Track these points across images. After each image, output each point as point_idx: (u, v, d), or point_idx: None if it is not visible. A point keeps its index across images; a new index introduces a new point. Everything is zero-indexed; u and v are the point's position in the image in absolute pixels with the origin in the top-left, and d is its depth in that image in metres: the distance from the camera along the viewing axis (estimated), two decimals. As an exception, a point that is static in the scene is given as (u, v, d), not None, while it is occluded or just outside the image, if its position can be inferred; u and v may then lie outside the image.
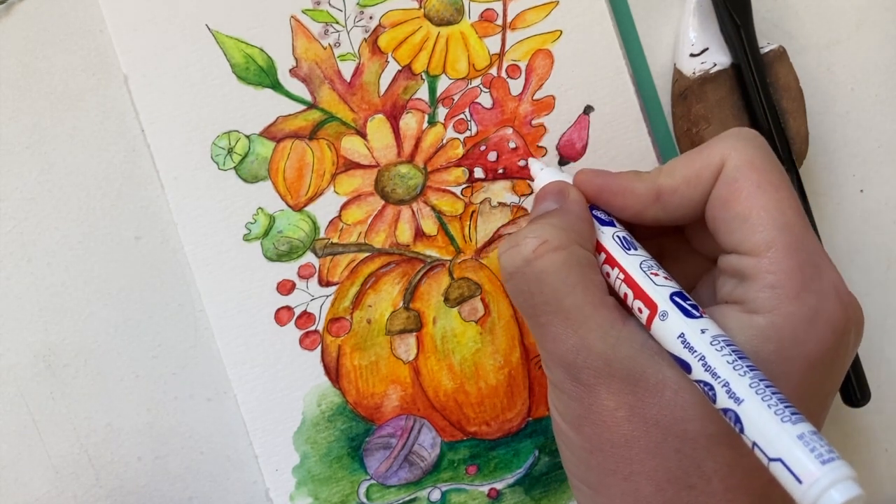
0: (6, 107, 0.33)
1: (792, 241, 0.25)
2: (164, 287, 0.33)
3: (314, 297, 0.33)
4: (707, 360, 0.24)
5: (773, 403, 0.22)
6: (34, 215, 0.33)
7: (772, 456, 0.22)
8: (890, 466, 0.37)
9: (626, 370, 0.26)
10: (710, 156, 0.27)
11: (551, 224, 0.27)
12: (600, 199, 0.29)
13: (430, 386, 0.33)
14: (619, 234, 0.28)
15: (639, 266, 0.27)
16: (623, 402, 0.26)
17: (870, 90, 0.37)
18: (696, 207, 0.27)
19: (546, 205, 0.29)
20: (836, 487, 0.20)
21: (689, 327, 0.25)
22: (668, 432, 0.25)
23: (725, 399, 0.23)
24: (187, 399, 0.34)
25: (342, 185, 0.33)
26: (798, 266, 0.25)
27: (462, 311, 0.34)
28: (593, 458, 0.27)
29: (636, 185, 0.28)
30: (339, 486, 0.33)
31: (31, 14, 0.33)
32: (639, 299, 0.26)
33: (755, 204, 0.26)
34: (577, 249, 0.27)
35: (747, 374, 0.23)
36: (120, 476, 0.33)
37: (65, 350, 0.33)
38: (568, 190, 0.29)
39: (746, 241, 0.26)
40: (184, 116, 0.33)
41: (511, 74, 0.34)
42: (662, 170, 0.28)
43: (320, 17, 0.33)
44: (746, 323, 0.25)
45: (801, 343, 0.25)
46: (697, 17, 0.35)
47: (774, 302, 0.25)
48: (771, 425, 0.22)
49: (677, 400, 0.25)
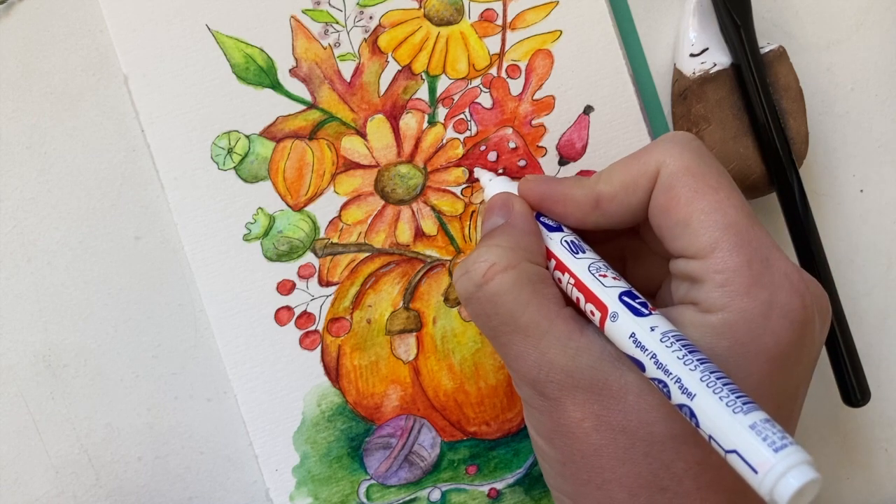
0: (6, 107, 0.33)
1: (737, 238, 0.25)
2: (164, 287, 0.33)
3: (314, 297, 0.33)
4: (658, 358, 0.24)
5: (725, 395, 0.22)
6: (34, 215, 0.33)
7: (727, 448, 0.22)
8: (890, 466, 0.37)
9: (588, 380, 0.26)
10: (647, 162, 0.27)
11: (497, 245, 0.27)
12: (543, 206, 0.29)
13: (430, 386, 0.33)
14: (567, 239, 0.28)
15: (587, 269, 0.27)
16: (589, 413, 0.26)
17: (870, 90, 0.37)
18: (636, 213, 0.28)
19: (493, 220, 0.29)
20: (792, 473, 0.20)
21: (639, 326, 0.25)
22: (635, 437, 0.25)
23: (679, 395, 0.23)
24: (187, 399, 0.34)
25: (342, 185, 0.33)
26: (745, 262, 0.25)
27: (462, 311, 0.34)
28: (567, 470, 0.27)
29: (575, 192, 0.28)
30: (339, 486, 0.33)
31: (31, 14, 0.33)
32: (590, 302, 0.26)
33: (694, 208, 0.26)
34: (526, 266, 0.27)
35: (698, 367, 0.23)
36: (120, 476, 0.33)
37: (65, 350, 0.33)
38: (512, 202, 0.29)
39: (691, 245, 0.26)
40: (184, 116, 0.33)
41: (511, 74, 0.34)
42: (601, 176, 0.28)
43: (320, 17, 0.33)
44: (702, 322, 0.25)
45: (757, 337, 0.25)
46: (697, 17, 0.35)
47: (726, 300, 0.25)
48: (723, 416, 0.22)
49: (640, 403, 0.25)
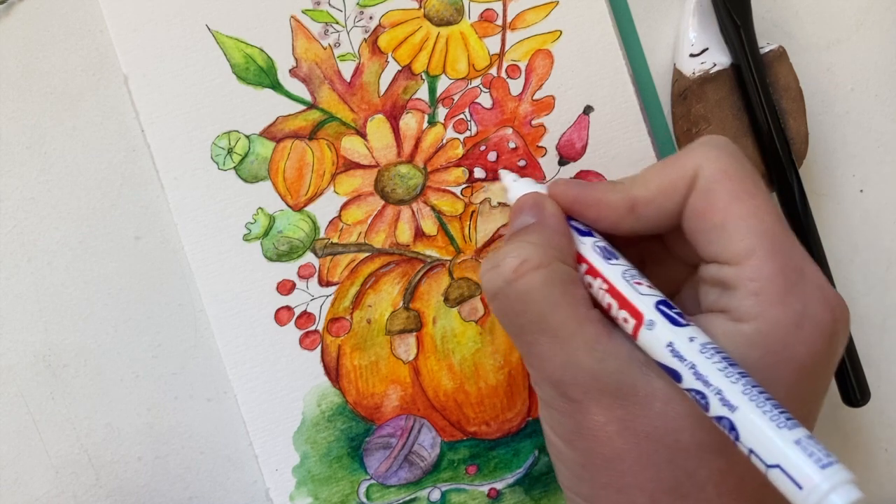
0: (6, 107, 0.33)
1: (772, 246, 0.25)
2: (164, 287, 0.33)
3: (314, 297, 0.33)
4: (698, 369, 0.23)
5: (768, 409, 0.22)
6: (34, 215, 0.33)
7: (770, 462, 0.22)
8: (890, 466, 0.37)
9: (614, 384, 0.25)
10: (684, 166, 0.27)
11: (530, 241, 0.27)
12: (574, 210, 0.29)
13: (429, 386, 0.33)
14: (599, 244, 0.28)
15: (622, 276, 0.26)
16: (613, 417, 0.25)
17: (870, 90, 0.37)
18: (672, 218, 0.27)
19: (523, 219, 0.29)
20: (837, 491, 0.20)
21: (677, 336, 0.24)
22: (660, 444, 0.25)
23: (719, 407, 0.23)
24: (187, 399, 0.34)
25: (342, 185, 0.33)
26: (780, 271, 0.25)
27: (462, 310, 0.34)
28: (586, 472, 0.27)
29: (610, 197, 0.28)
30: (339, 486, 0.33)
31: (31, 14, 0.33)
32: (624, 309, 0.26)
33: (732, 213, 0.26)
34: (558, 266, 0.27)
35: (739, 380, 0.23)
36: (120, 476, 0.33)
37: (65, 350, 0.33)
38: (544, 203, 0.29)
39: (726, 250, 0.26)
40: (184, 116, 0.33)
41: (511, 74, 0.34)
42: (636, 180, 0.28)
43: (320, 17, 0.33)
44: (733, 330, 0.25)
45: (789, 348, 0.25)
46: (697, 17, 0.35)
47: (759, 308, 0.25)
48: (767, 432, 0.22)
49: (667, 411, 0.25)
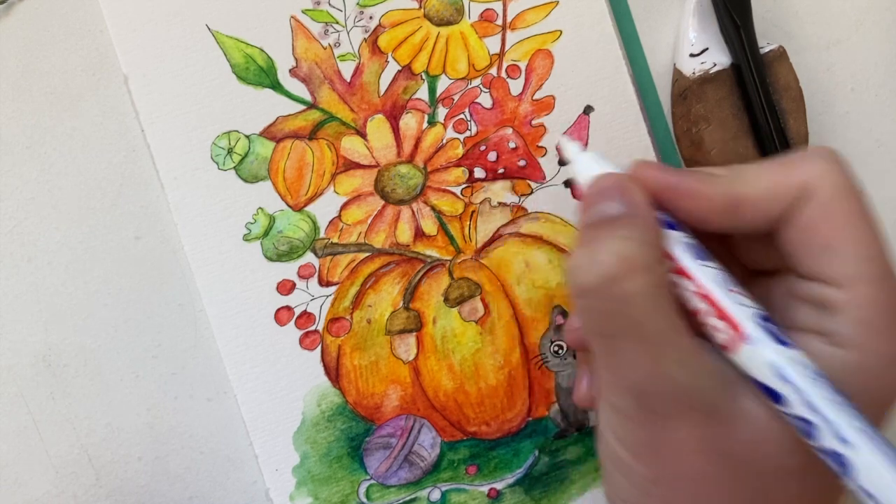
0: (6, 107, 0.33)
1: (880, 272, 0.24)
2: (164, 287, 0.33)
3: (314, 297, 0.33)
4: (808, 396, 0.22)
5: (888, 451, 0.21)
6: (34, 215, 0.33)
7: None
8: (890, 466, 0.37)
9: (702, 400, 0.24)
10: (792, 174, 0.25)
11: (630, 238, 0.24)
12: (664, 199, 0.26)
13: (430, 386, 0.33)
14: (690, 242, 0.25)
15: (718, 281, 0.24)
16: (695, 434, 0.24)
17: (870, 90, 0.37)
18: (769, 223, 0.25)
19: (608, 205, 0.25)
20: None
21: (783, 357, 0.23)
22: (742, 465, 0.24)
23: (830, 439, 0.22)
24: (187, 399, 0.34)
25: (342, 185, 0.33)
26: (887, 300, 0.23)
27: (462, 311, 0.34)
28: (656, 489, 0.25)
29: (708, 190, 0.25)
30: (339, 486, 0.33)
31: (31, 14, 0.33)
32: (720, 319, 0.24)
33: (847, 234, 0.24)
34: (661, 269, 0.24)
35: (854, 417, 0.22)
36: (120, 476, 0.33)
37: (65, 350, 0.33)
38: (632, 189, 0.25)
39: (833, 270, 0.24)
40: (184, 116, 0.33)
41: (511, 74, 0.34)
42: (736, 177, 0.25)
43: (320, 17, 0.33)
44: (829, 355, 0.24)
45: (883, 383, 0.24)
46: (697, 17, 0.35)
47: (863, 338, 0.23)
48: (890, 476, 0.21)
49: (753, 432, 0.24)
